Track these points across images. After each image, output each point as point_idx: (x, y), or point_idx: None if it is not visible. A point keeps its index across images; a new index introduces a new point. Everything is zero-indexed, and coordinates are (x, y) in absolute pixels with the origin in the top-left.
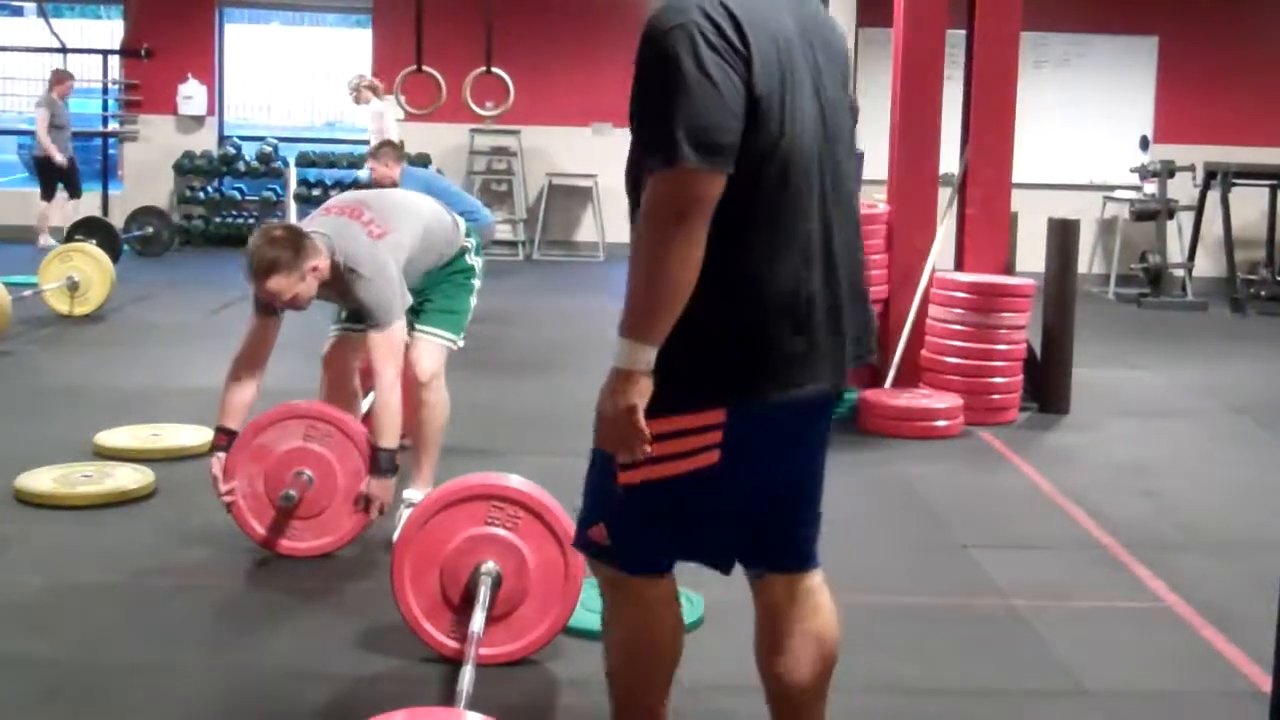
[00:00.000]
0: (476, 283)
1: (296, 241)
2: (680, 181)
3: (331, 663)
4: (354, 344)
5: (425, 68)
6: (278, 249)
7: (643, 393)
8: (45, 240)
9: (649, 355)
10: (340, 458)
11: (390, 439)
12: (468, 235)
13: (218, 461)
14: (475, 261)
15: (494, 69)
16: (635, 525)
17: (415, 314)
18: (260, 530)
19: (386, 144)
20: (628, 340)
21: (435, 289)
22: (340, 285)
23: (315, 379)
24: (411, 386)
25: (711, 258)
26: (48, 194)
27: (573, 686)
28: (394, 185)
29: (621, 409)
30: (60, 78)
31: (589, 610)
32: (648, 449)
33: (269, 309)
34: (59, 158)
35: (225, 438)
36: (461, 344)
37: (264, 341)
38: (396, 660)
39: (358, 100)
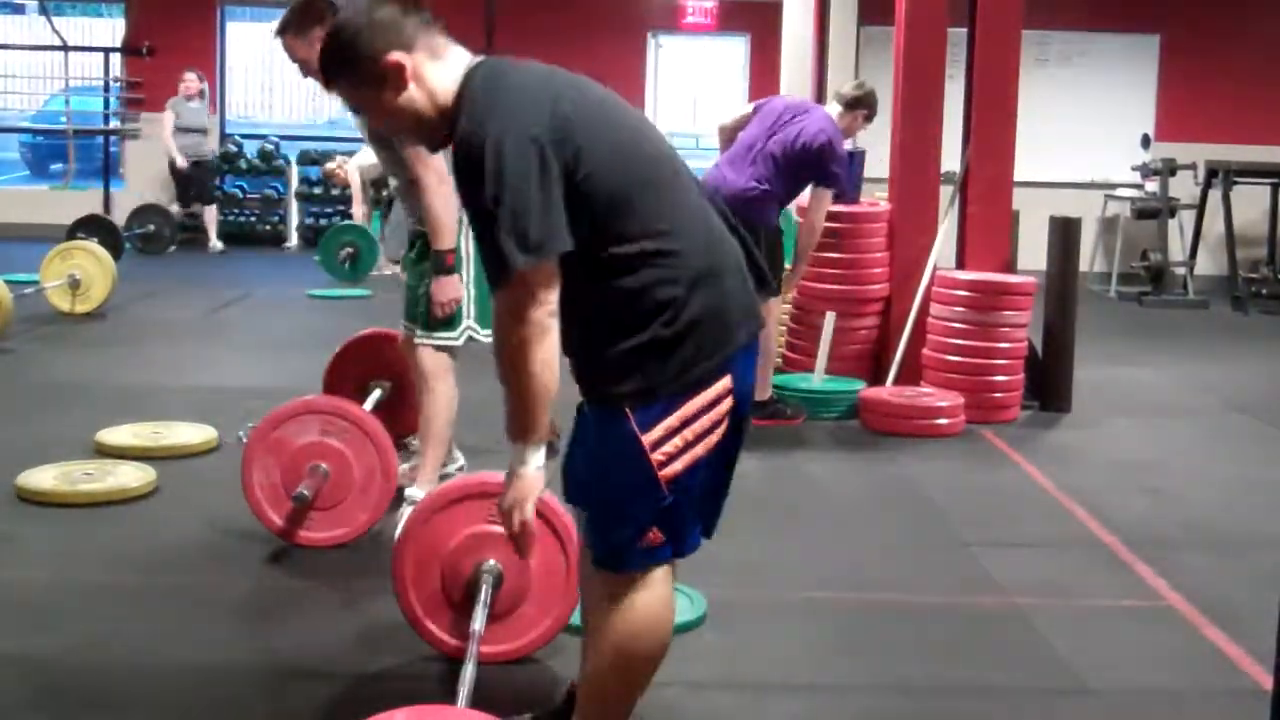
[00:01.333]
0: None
1: (311, 8)
2: (523, 284)
3: (333, 661)
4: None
5: None
6: (292, 12)
7: (533, 489)
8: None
9: (537, 455)
10: (356, 453)
11: (437, 240)
12: None
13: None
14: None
15: None
16: (687, 511)
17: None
18: (277, 521)
19: None
20: (515, 444)
21: (424, 284)
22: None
23: (319, 375)
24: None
25: (672, 268)
26: (182, 200)
27: None
28: None
29: (513, 504)
30: (182, 78)
31: None
32: (533, 548)
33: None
34: (180, 161)
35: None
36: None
37: None
38: (398, 658)
39: (333, 180)
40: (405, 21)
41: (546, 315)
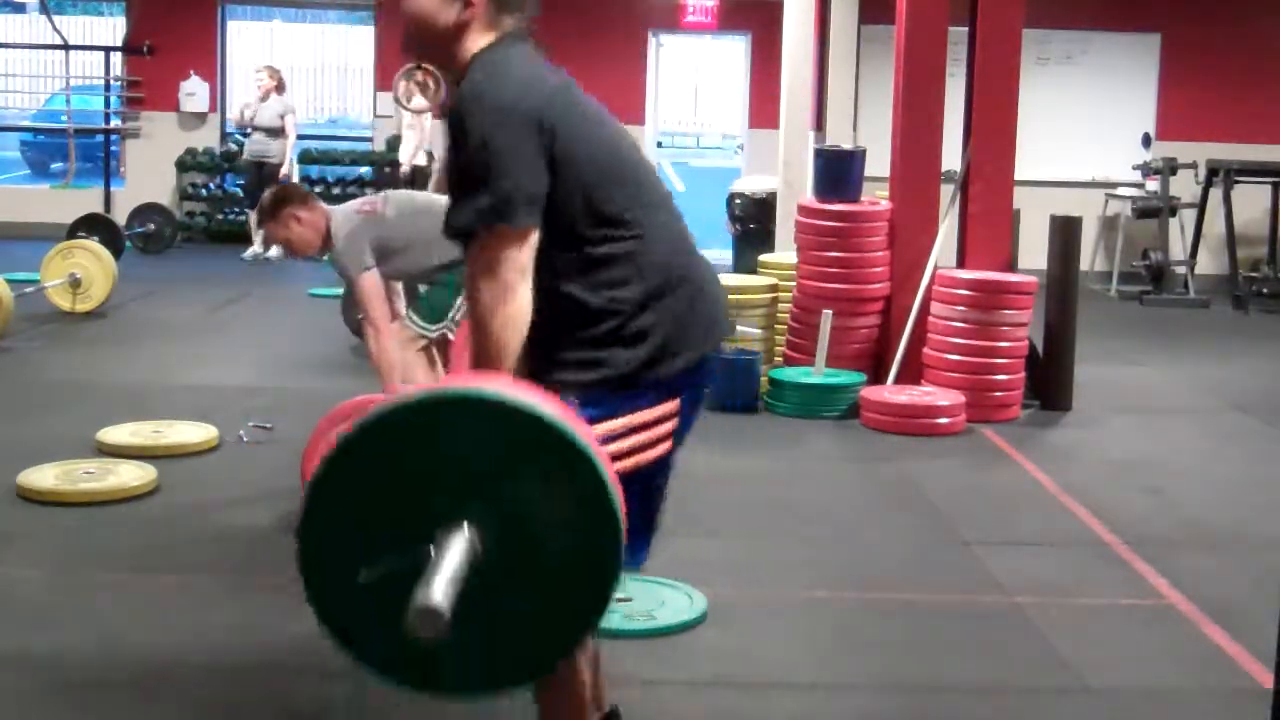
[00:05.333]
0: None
1: (279, 195)
2: (495, 244)
3: (334, 661)
4: (457, 332)
5: (424, 65)
6: (264, 201)
7: None
8: (255, 250)
9: None
10: None
11: (381, 379)
12: None
13: None
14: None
15: None
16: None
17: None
18: None
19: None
20: None
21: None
22: None
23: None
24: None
25: (638, 269)
26: (251, 202)
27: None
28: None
29: None
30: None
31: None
32: None
33: None
34: (280, 164)
35: None
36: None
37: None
38: None
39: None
40: None
41: (516, 274)
